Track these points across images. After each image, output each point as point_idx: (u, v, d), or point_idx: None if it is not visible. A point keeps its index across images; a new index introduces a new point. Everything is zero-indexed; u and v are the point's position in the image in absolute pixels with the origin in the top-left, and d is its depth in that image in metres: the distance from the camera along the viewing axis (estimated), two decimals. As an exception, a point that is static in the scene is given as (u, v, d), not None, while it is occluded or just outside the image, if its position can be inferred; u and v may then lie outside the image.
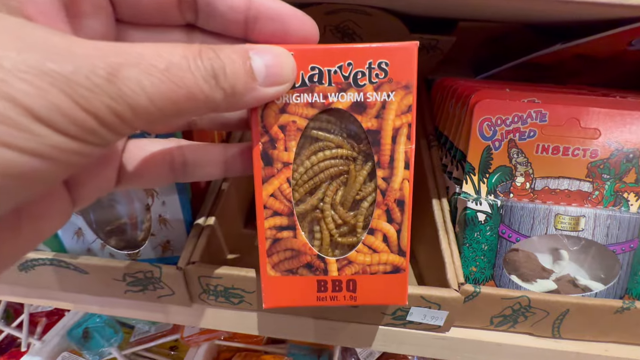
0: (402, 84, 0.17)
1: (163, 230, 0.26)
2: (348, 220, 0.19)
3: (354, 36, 0.31)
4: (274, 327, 0.27)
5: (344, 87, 0.17)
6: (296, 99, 0.17)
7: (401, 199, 0.19)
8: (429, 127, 0.36)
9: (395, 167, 0.18)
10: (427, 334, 0.26)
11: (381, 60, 0.17)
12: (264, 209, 0.18)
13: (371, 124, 0.17)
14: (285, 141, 0.17)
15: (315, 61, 0.16)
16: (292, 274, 0.19)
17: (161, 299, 0.26)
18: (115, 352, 0.50)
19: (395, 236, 0.19)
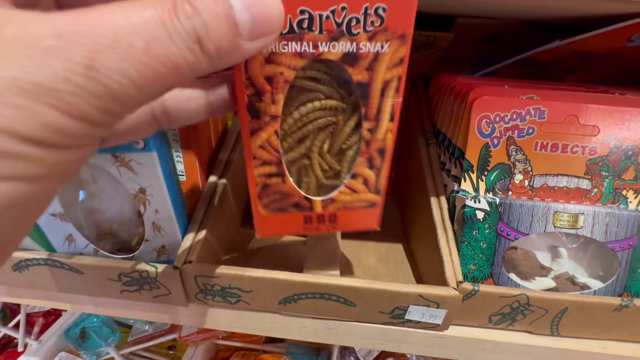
0: (398, 34, 0.16)
1: (157, 237, 0.25)
2: (334, 167, 0.21)
3: (351, 33, 0.30)
4: (272, 326, 0.27)
5: (336, 36, 0.15)
6: (283, 47, 0.15)
7: (382, 148, 0.20)
8: (427, 125, 0.36)
9: (381, 119, 0.18)
10: (425, 332, 0.26)
11: (379, 5, 0.15)
12: (252, 159, 0.19)
13: (362, 77, 0.17)
14: (272, 94, 0.17)
15: (306, 3, 0.14)
16: (282, 211, 0.21)
17: (157, 299, 0.26)
18: (112, 352, 0.50)
19: (374, 179, 0.21)
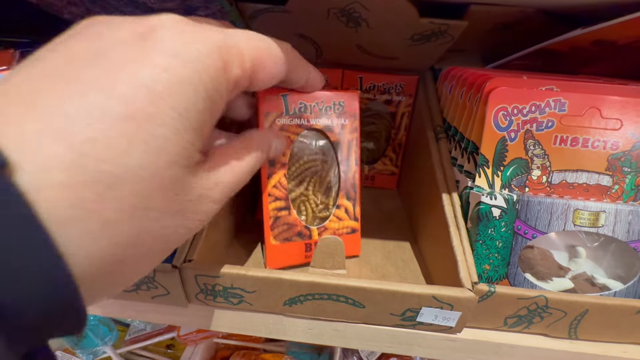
0: (352, 114, 0.28)
1: None
2: (323, 201, 0.29)
3: (359, 20, 0.29)
4: (276, 328, 0.25)
5: (319, 115, 0.27)
6: (290, 121, 0.26)
7: (354, 183, 0.29)
8: (437, 119, 0.34)
9: (350, 164, 0.28)
10: (437, 335, 0.24)
11: (340, 100, 0.27)
12: (268, 196, 0.27)
13: (335, 139, 0.28)
14: (284, 151, 0.26)
15: (302, 99, 0.26)
16: (288, 240, 0.28)
17: (156, 299, 0.24)
18: (109, 350, 0.49)
19: (352, 208, 0.29)
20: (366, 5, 0.27)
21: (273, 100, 0.25)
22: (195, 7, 0.28)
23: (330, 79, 0.40)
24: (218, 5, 0.27)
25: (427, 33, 0.30)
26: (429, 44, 0.32)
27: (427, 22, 0.28)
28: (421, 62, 0.37)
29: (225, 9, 0.28)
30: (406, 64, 0.38)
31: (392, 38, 0.32)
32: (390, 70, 0.39)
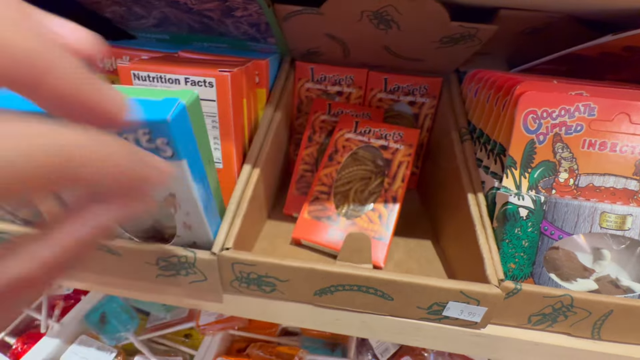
0: (409, 143, 0.34)
1: (188, 234, 0.24)
2: (361, 201, 0.34)
3: (390, 22, 0.30)
4: (304, 317, 0.27)
5: (379, 137, 0.35)
6: (355, 136, 0.35)
7: (395, 196, 0.33)
8: (461, 120, 0.35)
9: (396, 179, 0.33)
10: (462, 330, 0.25)
11: (400, 132, 0.35)
12: (317, 180, 0.34)
13: (388, 157, 0.34)
14: (341, 153, 0.35)
15: (370, 125, 0.36)
16: (317, 219, 0.32)
17: (193, 285, 0.26)
18: (131, 337, 0.50)
19: (387, 216, 0.32)
20: (399, 9, 0.28)
21: (348, 121, 0.36)
22: (235, 7, 0.29)
23: (355, 79, 0.40)
24: (256, 6, 0.29)
25: (455, 36, 0.31)
26: (457, 47, 0.32)
27: (457, 25, 0.29)
28: (446, 65, 0.38)
29: (263, 10, 0.29)
30: (431, 66, 0.38)
31: (420, 40, 0.32)
32: (415, 72, 0.40)
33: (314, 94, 0.42)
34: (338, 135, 0.36)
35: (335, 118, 0.40)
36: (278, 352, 0.50)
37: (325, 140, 0.40)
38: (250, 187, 0.28)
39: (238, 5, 0.29)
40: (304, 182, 0.38)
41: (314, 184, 0.34)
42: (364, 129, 0.35)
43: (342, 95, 0.42)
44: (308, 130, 0.40)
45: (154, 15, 0.33)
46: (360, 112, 0.40)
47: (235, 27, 0.33)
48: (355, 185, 0.34)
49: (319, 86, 0.42)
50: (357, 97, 0.42)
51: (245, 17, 0.31)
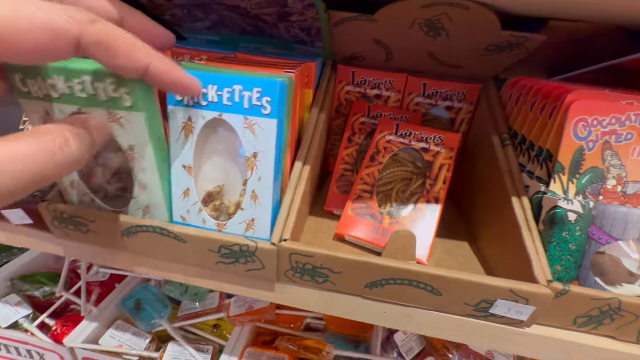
0: (449, 147, 0.36)
1: (252, 208, 0.26)
2: (403, 200, 0.35)
3: (441, 31, 0.31)
4: (352, 309, 0.28)
5: (420, 139, 0.36)
6: (396, 138, 0.37)
7: (437, 197, 0.34)
8: (501, 126, 0.36)
9: (437, 181, 0.34)
10: (506, 328, 0.26)
11: (441, 135, 0.36)
12: (360, 179, 0.35)
13: (429, 159, 0.35)
14: (383, 154, 0.36)
15: (409, 128, 0.37)
16: (361, 216, 0.34)
17: (249, 273, 0.27)
18: (165, 324, 0.52)
19: (429, 215, 0.33)
20: (452, 17, 0.29)
21: (389, 123, 0.37)
22: (292, 13, 0.31)
23: (394, 83, 0.42)
24: (313, 12, 0.30)
25: (503, 44, 0.32)
26: (502, 54, 0.33)
27: (507, 34, 0.30)
28: (486, 72, 0.39)
29: (319, 16, 0.31)
30: (470, 73, 0.39)
31: (466, 48, 0.33)
32: (454, 78, 0.41)
33: (353, 96, 0.43)
34: (379, 136, 0.37)
35: (374, 120, 0.41)
36: (305, 345, 0.51)
37: (363, 142, 0.41)
38: (302, 183, 0.30)
39: (296, 11, 0.30)
40: (344, 180, 0.39)
41: (356, 182, 0.35)
42: (405, 132, 0.37)
43: (381, 99, 0.43)
44: (347, 131, 0.41)
45: (210, 18, 0.35)
46: (398, 115, 0.41)
47: (287, 30, 0.35)
48: (396, 186, 0.35)
49: (359, 89, 0.43)
50: (395, 100, 0.43)
51: (299, 22, 0.33)
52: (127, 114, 0.23)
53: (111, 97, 0.22)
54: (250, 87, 0.24)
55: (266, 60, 0.34)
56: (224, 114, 0.24)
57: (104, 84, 0.22)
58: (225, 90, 0.24)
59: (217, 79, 0.24)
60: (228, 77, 0.24)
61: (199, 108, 0.25)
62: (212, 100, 0.24)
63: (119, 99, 0.22)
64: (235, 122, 0.24)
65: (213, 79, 0.24)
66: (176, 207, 0.27)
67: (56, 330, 0.54)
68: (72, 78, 0.22)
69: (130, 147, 0.25)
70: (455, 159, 0.35)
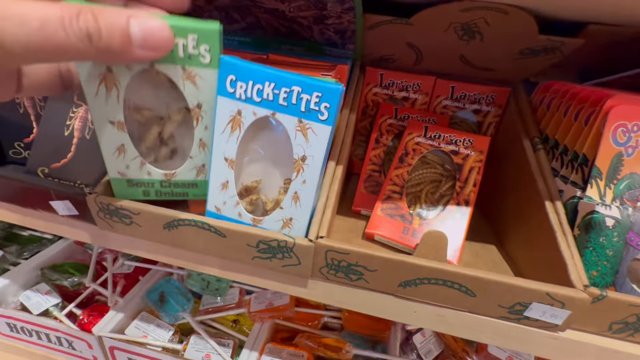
0: (479, 150, 0.35)
1: (292, 208, 0.27)
2: (433, 202, 0.35)
3: (476, 34, 0.31)
4: (383, 307, 0.28)
5: (449, 142, 0.36)
6: (425, 141, 0.37)
7: (467, 200, 0.34)
8: (532, 130, 0.36)
9: (467, 184, 0.35)
10: (540, 332, 0.26)
11: (470, 139, 0.36)
12: (389, 180, 0.36)
13: (459, 161, 0.36)
14: (412, 156, 0.37)
15: (439, 131, 0.37)
16: (390, 217, 0.34)
17: (285, 268, 0.28)
18: (188, 317, 0.54)
19: (459, 218, 0.33)
20: (489, 21, 0.29)
21: (418, 126, 0.38)
22: (329, 16, 0.32)
23: (423, 86, 0.42)
24: (351, 15, 0.31)
25: (538, 48, 0.32)
26: (536, 58, 0.33)
27: (544, 38, 0.30)
28: (516, 75, 0.39)
29: (356, 19, 0.31)
30: (500, 76, 0.39)
31: (499, 51, 0.34)
32: (482, 81, 0.41)
33: (380, 98, 0.44)
34: (408, 138, 0.37)
35: (402, 122, 0.42)
36: (325, 343, 0.52)
37: (391, 143, 0.41)
38: (335, 183, 0.30)
39: (334, 14, 0.31)
40: (371, 181, 0.40)
41: (385, 183, 0.36)
42: (434, 134, 0.37)
43: (408, 101, 0.43)
44: (375, 132, 0.41)
45: (247, 20, 0.36)
46: (426, 117, 0.42)
47: (320, 33, 0.36)
48: (426, 187, 0.36)
49: (386, 91, 0.43)
50: (422, 103, 0.43)
51: (335, 25, 0.33)
52: (203, 71, 0.24)
53: (189, 55, 0.22)
54: (310, 90, 0.23)
55: (300, 62, 0.35)
56: (278, 113, 0.25)
57: (185, 39, 0.22)
58: (282, 89, 0.24)
59: (275, 77, 0.24)
60: (288, 77, 0.24)
61: (252, 103, 0.25)
62: (266, 97, 0.25)
63: (197, 57, 0.23)
64: (288, 123, 0.25)
65: (271, 77, 0.24)
66: (213, 198, 0.28)
67: (83, 319, 0.56)
68: None
69: (198, 104, 0.25)
70: (485, 162, 0.35)
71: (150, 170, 0.27)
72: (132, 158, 0.26)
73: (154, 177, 0.27)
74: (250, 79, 0.24)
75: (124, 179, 0.27)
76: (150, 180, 0.28)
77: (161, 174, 0.27)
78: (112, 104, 0.24)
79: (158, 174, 0.27)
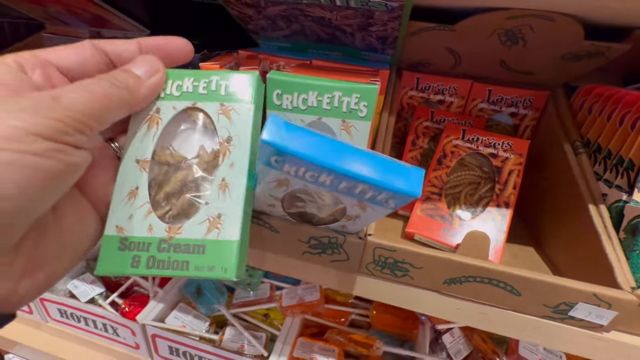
0: (519, 153, 0.36)
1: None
2: (472, 204, 0.36)
3: (519, 40, 0.32)
4: (427, 304, 0.29)
5: (487, 145, 0.37)
6: (463, 143, 0.38)
7: (507, 202, 0.35)
8: (573, 134, 0.36)
9: (507, 186, 0.36)
10: (584, 332, 0.27)
11: (509, 142, 0.37)
12: (428, 182, 0.37)
13: (497, 164, 0.37)
14: (450, 158, 0.38)
15: (477, 134, 0.38)
16: (430, 217, 0.36)
17: (333, 264, 0.29)
18: (223, 309, 0.56)
19: (500, 219, 0.34)
20: (535, 28, 0.30)
21: (455, 128, 0.39)
22: (374, 23, 0.33)
23: (459, 89, 0.43)
24: (397, 23, 0.32)
25: (581, 54, 0.32)
26: (579, 63, 0.34)
27: (589, 44, 0.30)
28: (556, 79, 0.39)
29: (401, 27, 0.32)
30: (540, 80, 0.40)
31: (541, 56, 0.34)
32: (520, 85, 0.41)
33: (415, 101, 0.45)
34: (445, 141, 0.38)
35: (438, 125, 0.43)
36: (355, 340, 0.53)
37: (427, 146, 0.42)
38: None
39: (379, 22, 0.33)
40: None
41: (424, 184, 0.37)
42: (472, 137, 0.38)
43: (444, 104, 0.44)
44: (411, 135, 0.42)
45: (291, 27, 0.38)
46: (462, 120, 0.42)
47: (362, 39, 0.37)
48: (464, 189, 0.37)
49: (422, 94, 0.44)
50: (457, 106, 0.44)
51: (378, 32, 0.35)
52: (238, 105, 0.22)
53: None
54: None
55: (342, 67, 0.37)
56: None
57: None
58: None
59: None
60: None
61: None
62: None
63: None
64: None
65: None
66: None
67: (124, 308, 0.60)
68: (202, 78, 0.23)
69: (228, 138, 0.22)
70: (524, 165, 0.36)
71: (153, 223, 0.22)
72: (139, 205, 0.22)
73: (154, 234, 0.21)
74: None
75: (118, 236, 0.21)
76: (147, 240, 0.21)
77: (164, 229, 0.21)
78: (147, 141, 0.22)
79: (161, 229, 0.21)
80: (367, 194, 0.20)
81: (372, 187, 0.19)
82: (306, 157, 0.18)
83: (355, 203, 0.22)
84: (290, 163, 0.19)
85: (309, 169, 0.19)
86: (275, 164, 0.20)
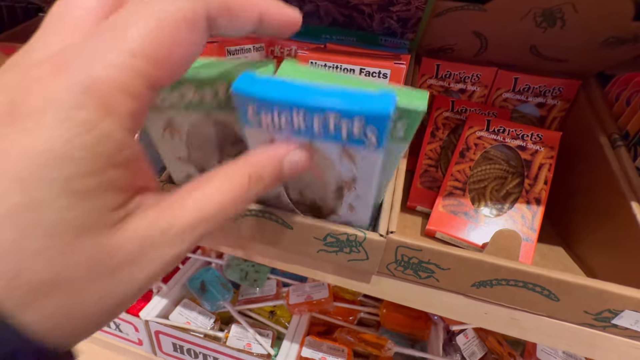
0: (550, 146, 0.34)
1: (348, 215, 0.25)
2: (499, 200, 0.34)
3: (557, 22, 0.29)
4: (452, 307, 0.27)
5: (515, 138, 0.34)
6: (488, 135, 0.35)
7: (538, 198, 0.32)
8: (609, 127, 0.33)
9: (537, 181, 0.33)
10: (627, 341, 0.24)
11: (539, 133, 0.34)
12: (450, 176, 0.35)
13: (527, 157, 0.34)
14: (474, 151, 0.35)
15: (502, 125, 0.35)
16: (454, 214, 0.33)
17: (349, 263, 0.27)
18: (228, 306, 0.55)
19: (531, 217, 0.32)
20: (578, 7, 0.27)
21: (479, 119, 0.36)
22: (395, 2, 0.30)
23: (482, 77, 0.40)
24: (421, 1, 0.29)
25: (626, 37, 0.29)
26: (621, 48, 0.31)
27: (636, 26, 0.27)
28: (591, 67, 0.36)
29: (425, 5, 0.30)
30: (572, 68, 0.37)
31: (579, 40, 0.31)
32: (549, 73, 0.38)
33: (435, 90, 0.42)
34: (469, 132, 0.36)
35: (459, 115, 0.40)
36: (365, 339, 0.51)
37: (447, 137, 0.40)
38: (400, 177, 0.29)
39: (402, 0, 0.30)
40: (427, 176, 0.38)
41: (446, 179, 0.34)
42: (498, 128, 0.35)
43: (465, 93, 0.41)
44: (430, 126, 0.40)
45: (305, 8, 0.36)
46: (485, 110, 0.40)
47: (381, 21, 0.35)
48: (490, 184, 0.34)
49: (442, 83, 0.42)
50: (480, 95, 0.41)
51: (400, 12, 0.32)
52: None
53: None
54: None
55: (359, 52, 0.34)
56: None
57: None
58: None
59: None
60: None
61: None
62: None
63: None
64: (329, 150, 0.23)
65: None
66: None
67: (128, 303, 0.58)
68: None
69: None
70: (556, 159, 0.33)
71: None
72: None
73: None
74: None
75: None
76: None
77: None
78: (177, 144, 0.25)
79: None
80: (341, 129, 0.18)
81: (341, 114, 0.17)
82: (274, 96, 0.18)
83: (339, 152, 0.19)
84: (265, 110, 0.18)
85: (282, 108, 0.18)
86: (252, 118, 0.19)
